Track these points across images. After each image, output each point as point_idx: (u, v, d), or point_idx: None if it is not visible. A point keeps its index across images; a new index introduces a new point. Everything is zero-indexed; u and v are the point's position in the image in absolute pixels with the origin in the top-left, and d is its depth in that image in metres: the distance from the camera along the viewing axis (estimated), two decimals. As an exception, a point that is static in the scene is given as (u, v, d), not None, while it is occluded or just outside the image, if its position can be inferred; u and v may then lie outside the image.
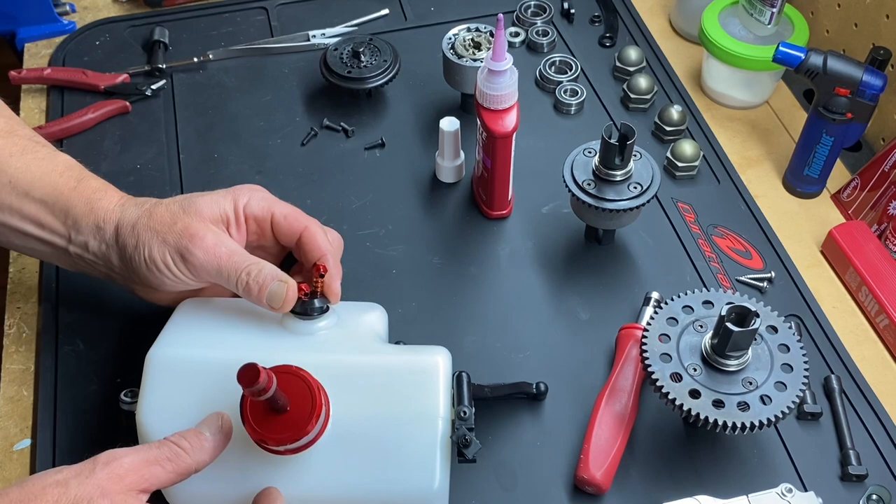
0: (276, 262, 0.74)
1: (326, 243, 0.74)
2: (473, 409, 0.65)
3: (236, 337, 0.69)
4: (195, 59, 1.07)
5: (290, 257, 0.79)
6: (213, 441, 0.62)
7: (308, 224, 0.74)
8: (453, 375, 0.68)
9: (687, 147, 0.94)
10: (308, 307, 0.69)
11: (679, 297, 0.75)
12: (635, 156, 0.82)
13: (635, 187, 0.81)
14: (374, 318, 0.74)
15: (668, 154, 0.95)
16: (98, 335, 0.82)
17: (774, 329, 0.72)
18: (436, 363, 0.67)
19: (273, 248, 0.77)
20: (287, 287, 0.69)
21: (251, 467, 0.64)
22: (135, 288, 0.75)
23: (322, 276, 0.71)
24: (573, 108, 1.02)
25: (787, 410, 0.68)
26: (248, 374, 0.56)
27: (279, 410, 0.61)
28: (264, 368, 0.57)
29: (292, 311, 0.69)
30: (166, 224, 0.70)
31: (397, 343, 0.74)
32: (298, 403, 0.61)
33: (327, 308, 0.70)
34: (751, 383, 0.69)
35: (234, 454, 0.63)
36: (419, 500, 0.64)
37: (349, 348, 0.69)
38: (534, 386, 0.77)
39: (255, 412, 0.61)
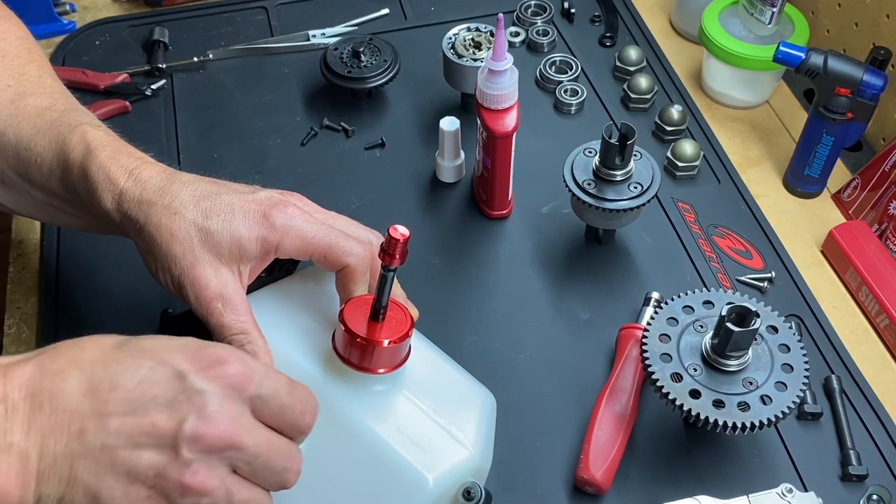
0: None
1: (364, 285, 0.66)
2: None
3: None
4: (195, 59, 1.07)
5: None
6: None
7: (349, 262, 0.65)
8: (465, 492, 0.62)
9: (687, 147, 0.94)
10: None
11: (679, 297, 0.75)
12: (635, 156, 0.82)
13: (635, 187, 0.81)
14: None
15: (669, 154, 0.95)
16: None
17: (775, 329, 0.72)
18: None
19: None
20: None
21: None
22: None
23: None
24: (573, 108, 1.02)
25: (787, 410, 0.68)
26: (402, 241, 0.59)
27: (380, 315, 0.62)
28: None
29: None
30: (177, 252, 0.63)
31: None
32: (392, 318, 0.63)
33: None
34: (751, 383, 0.69)
35: None
36: None
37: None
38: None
39: (354, 317, 0.62)
